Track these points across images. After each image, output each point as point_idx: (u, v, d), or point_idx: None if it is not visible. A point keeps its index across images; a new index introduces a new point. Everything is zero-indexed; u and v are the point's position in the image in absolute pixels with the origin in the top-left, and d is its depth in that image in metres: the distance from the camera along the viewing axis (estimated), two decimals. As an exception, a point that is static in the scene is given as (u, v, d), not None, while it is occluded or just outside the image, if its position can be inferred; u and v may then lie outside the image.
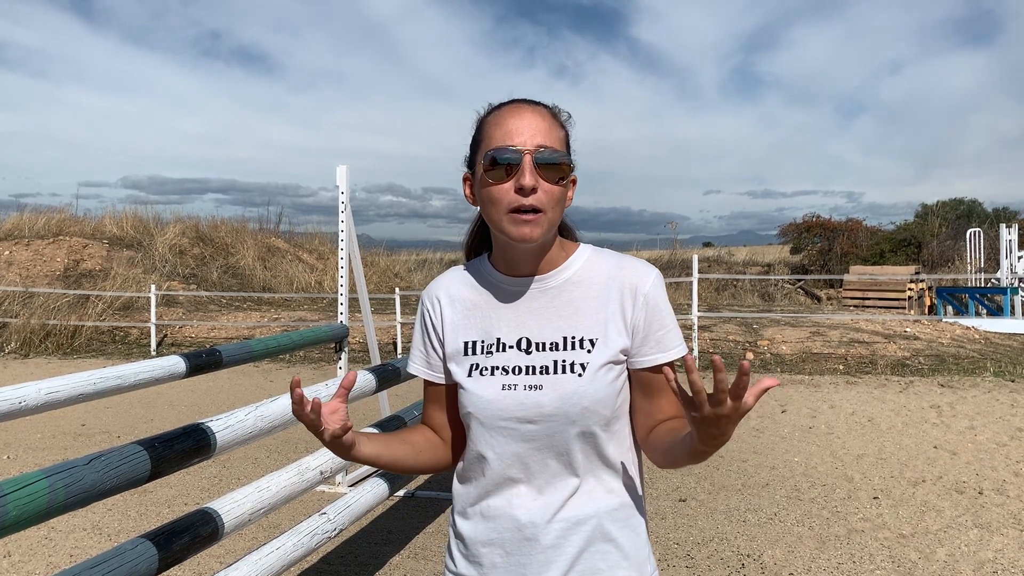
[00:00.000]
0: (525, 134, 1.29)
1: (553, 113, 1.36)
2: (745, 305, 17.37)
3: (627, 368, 1.36)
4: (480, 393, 1.33)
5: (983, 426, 6.91)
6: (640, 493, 1.40)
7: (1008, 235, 16.95)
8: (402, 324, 12.80)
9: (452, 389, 1.43)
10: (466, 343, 1.39)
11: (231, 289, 17.67)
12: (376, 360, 5.90)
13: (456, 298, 1.43)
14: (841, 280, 19.49)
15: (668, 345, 1.34)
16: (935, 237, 23.88)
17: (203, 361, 3.76)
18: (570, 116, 1.40)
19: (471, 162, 1.39)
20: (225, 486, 5.43)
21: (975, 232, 19.22)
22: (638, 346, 1.34)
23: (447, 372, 1.42)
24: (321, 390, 3.04)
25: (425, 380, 1.47)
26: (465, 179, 1.40)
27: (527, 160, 1.27)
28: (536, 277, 1.37)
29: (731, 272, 23.03)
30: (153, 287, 13.40)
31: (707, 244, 36.15)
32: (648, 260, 1.43)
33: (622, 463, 1.36)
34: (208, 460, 2.43)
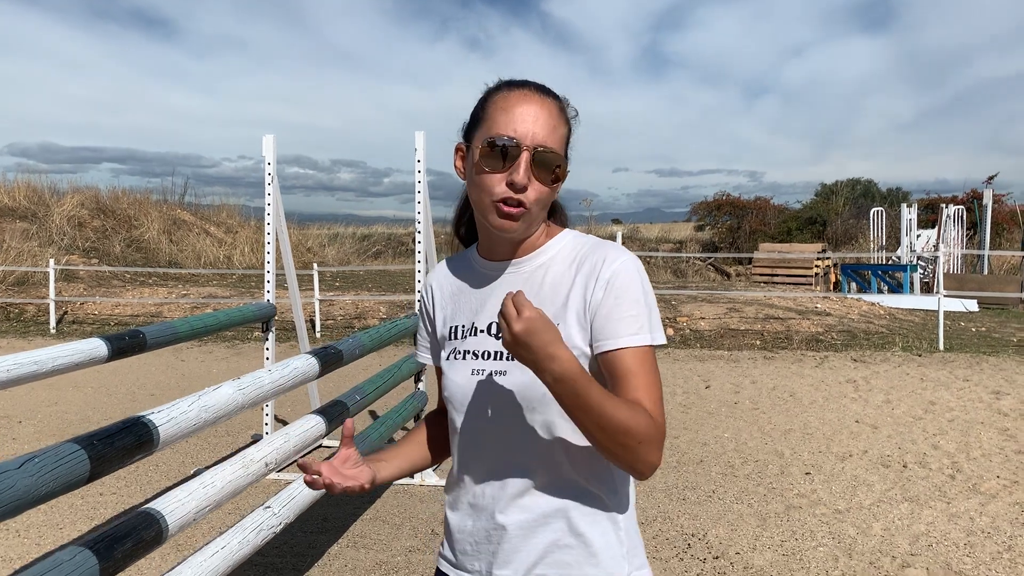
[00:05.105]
0: (529, 127, 1.25)
1: (561, 107, 1.31)
2: (661, 282, 17.64)
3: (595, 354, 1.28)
4: (452, 377, 1.34)
5: (898, 400, 7.16)
6: (615, 488, 1.32)
7: (908, 214, 17.69)
8: (320, 301, 12.47)
9: None
10: (451, 328, 1.39)
11: (135, 264, 16.87)
12: (304, 341, 5.66)
13: (445, 287, 1.45)
14: (750, 258, 20.00)
15: (621, 332, 1.23)
16: (839, 216, 24.78)
17: (126, 344, 3.50)
18: (577, 114, 1.36)
19: (468, 135, 1.34)
20: (148, 476, 5.13)
21: (878, 211, 20.00)
22: (598, 330, 1.26)
23: (438, 356, 1.45)
24: (263, 376, 2.84)
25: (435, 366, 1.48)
26: (458, 149, 1.37)
27: (524, 157, 1.24)
28: (513, 261, 1.36)
29: (644, 249, 23.34)
30: (51, 261, 12.63)
31: (616, 221, 36.69)
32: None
33: (593, 455, 1.27)
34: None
